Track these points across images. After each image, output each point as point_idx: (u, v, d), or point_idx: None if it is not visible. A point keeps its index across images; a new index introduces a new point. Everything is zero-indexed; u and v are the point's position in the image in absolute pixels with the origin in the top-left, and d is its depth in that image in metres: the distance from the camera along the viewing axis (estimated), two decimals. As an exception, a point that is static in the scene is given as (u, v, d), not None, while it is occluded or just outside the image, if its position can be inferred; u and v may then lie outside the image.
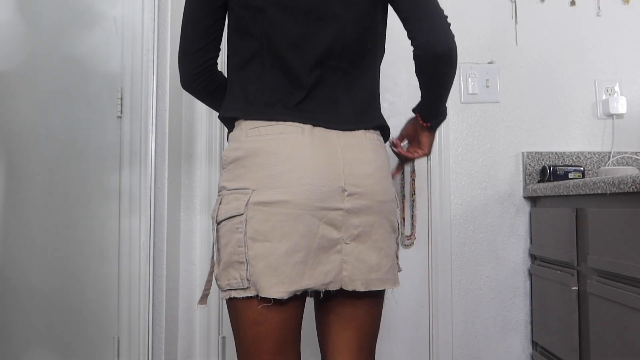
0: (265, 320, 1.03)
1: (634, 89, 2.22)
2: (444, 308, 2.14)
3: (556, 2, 2.23)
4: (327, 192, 1.02)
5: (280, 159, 1.01)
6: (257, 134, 1.04)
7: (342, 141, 1.06)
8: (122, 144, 1.95)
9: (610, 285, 1.51)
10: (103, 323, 1.93)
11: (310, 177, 1.01)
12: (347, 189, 1.03)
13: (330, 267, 1.03)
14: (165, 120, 1.98)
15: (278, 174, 1.01)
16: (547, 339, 1.99)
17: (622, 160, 2.17)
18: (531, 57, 2.22)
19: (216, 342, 2.14)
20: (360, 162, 1.07)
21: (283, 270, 0.99)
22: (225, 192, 1.05)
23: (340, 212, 1.03)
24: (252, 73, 1.08)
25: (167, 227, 1.97)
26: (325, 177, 1.02)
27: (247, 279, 1.01)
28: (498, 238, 2.17)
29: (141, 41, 1.96)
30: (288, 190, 1.00)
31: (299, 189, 1.00)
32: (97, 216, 1.95)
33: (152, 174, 1.92)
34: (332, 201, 1.02)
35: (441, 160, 2.17)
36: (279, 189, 1.00)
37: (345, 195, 1.03)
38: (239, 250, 1.01)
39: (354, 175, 1.05)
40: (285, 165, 1.01)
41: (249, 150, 1.03)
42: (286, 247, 0.99)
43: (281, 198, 1.00)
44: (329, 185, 1.02)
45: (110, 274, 1.93)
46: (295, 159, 1.02)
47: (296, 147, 1.02)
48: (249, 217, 1.00)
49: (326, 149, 1.04)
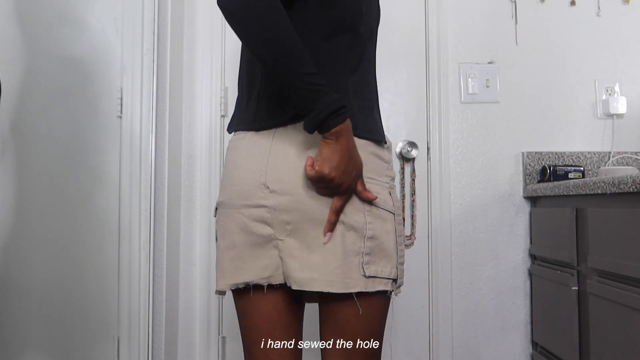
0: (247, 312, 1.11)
1: (634, 89, 2.22)
2: (444, 308, 2.14)
3: (556, 2, 2.23)
4: (247, 190, 1.05)
5: (226, 164, 1.12)
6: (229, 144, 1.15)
7: (277, 136, 1.04)
8: (122, 144, 1.96)
9: (610, 285, 1.51)
10: (103, 323, 1.93)
11: (237, 177, 1.07)
12: (269, 186, 1.02)
13: (268, 261, 1.05)
14: (165, 120, 1.98)
15: (224, 178, 1.12)
16: (547, 339, 1.99)
17: (622, 160, 2.17)
18: (531, 57, 2.22)
19: (216, 342, 2.14)
20: (288, 157, 1.02)
21: (223, 265, 1.08)
22: None
23: (265, 209, 1.02)
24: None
25: (167, 227, 1.97)
26: (247, 176, 1.06)
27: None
28: (498, 238, 2.17)
29: (141, 41, 1.96)
30: (225, 192, 1.10)
31: (230, 189, 1.08)
32: (97, 216, 1.95)
33: (152, 174, 1.93)
34: (254, 198, 1.04)
35: (441, 160, 2.17)
36: (221, 191, 1.12)
37: (268, 192, 1.02)
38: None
39: (277, 170, 1.02)
40: (226, 169, 1.11)
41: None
42: (225, 244, 1.08)
43: (221, 199, 1.11)
44: (249, 183, 1.05)
45: (111, 273, 1.93)
46: (232, 161, 1.10)
47: (235, 152, 1.10)
48: (217, 218, 1.14)
49: (256, 146, 1.06)
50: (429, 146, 2.19)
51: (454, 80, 2.21)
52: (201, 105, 2.17)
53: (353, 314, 1.03)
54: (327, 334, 1.07)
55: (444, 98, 2.18)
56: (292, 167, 1.01)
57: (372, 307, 1.05)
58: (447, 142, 2.18)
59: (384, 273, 1.03)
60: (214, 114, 2.17)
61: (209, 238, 2.14)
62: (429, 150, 2.19)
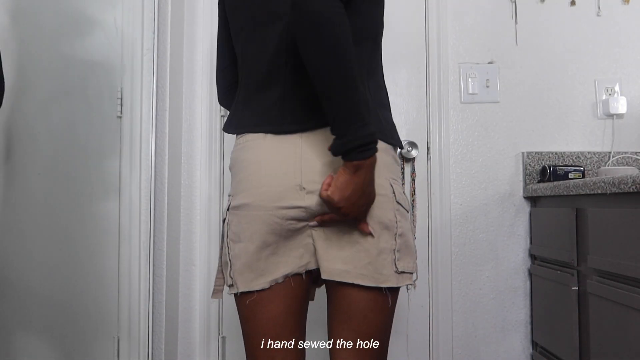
0: (255, 314, 1.09)
1: (634, 89, 2.22)
2: (444, 308, 2.14)
3: (556, 2, 2.23)
4: (281, 191, 1.04)
5: (245, 165, 1.09)
6: (236, 144, 1.13)
7: (305, 138, 1.05)
8: (122, 144, 1.96)
9: (610, 285, 1.51)
10: (103, 323, 1.93)
11: (265, 178, 1.06)
12: (305, 187, 1.04)
13: (303, 250, 1.07)
14: (165, 120, 1.98)
15: (243, 179, 1.08)
16: (547, 339, 1.99)
17: (622, 160, 2.17)
18: (531, 57, 2.22)
19: (216, 342, 2.14)
20: (320, 159, 1.04)
21: (258, 265, 1.07)
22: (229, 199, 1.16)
23: (301, 210, 1.05)
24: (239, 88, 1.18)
25: (167, 227, 1.97)
26: (278, 178, 1.05)
27: (230, 276, 1.09)
28: (498, 238, 2.17)
29: (141, 41, 1.96)
30: (249, 194, 1.06)
31: (257, 190, 1.06)
32: (97, 216, 1.95)
33: (152, 174, 1.93)
34: (288, 200, 1.04)
35: (441, 160, 2.17)
36: (243, 192, 1.08)
37: (304, 193, 1.04)
38: (225, 251, 1.11)
39: (312, 172, 1.04)
40: (247, 171, 1.08)
41: (232, 159, 1.14)
42: (255, 246, 1.06)
43: (244, 201, 1.07)
44: (282, 185, 1.04)
45: (111, 273, 1.93)
46: (255, 162, 1.07)
47: (256, 152, 1.07)
48: (229, 221, 1.10)
49: (284, 148, 1.05)
50: (429, 146, 2.19)
51: (454, 80, 2.21)
52: (201, 105, 2.17)
53: (371, 308, 1.07)
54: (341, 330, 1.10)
55: (444, 98, 2.18)
56: (326, 169, 1.04)
57: (392, 302, 1.11)
58: (447, 142, 2.18)
59: (409, 268, 1.09)
60: (214, 114, 2.17)
61: (209, 238, 2.14)
62: (429, 150, 2.19)
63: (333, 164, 1.02)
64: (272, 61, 1.08)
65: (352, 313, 1.08)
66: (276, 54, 1.08)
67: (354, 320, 1.08)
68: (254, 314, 1.09)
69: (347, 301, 1.08)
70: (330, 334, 1.12)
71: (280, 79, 1.08)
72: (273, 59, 1.08)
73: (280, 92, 1.07)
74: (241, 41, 1.15)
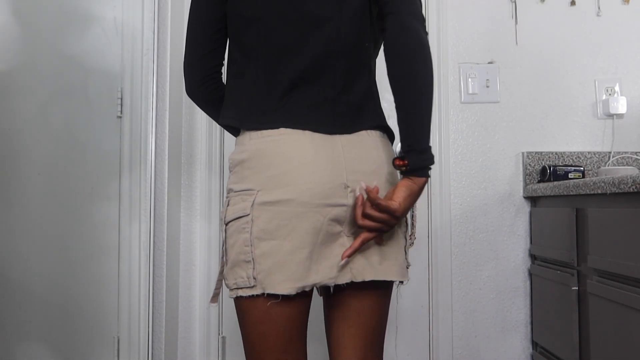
0: (270, 318, 1.04)
1: (634, 89, 2.22)
2: (444, 308, 2.14)
3: (556, 2, 2.23)
4: (329, 189, 1.04)
5: (283, 159, 1.04)
6: (260, 137, 1.06)
7: (344, 139, 1.08)
8: (122, 144, 1.96)
9: (610, 285, 1.51)
10: (103, 323, 1.93)
11: (312, 175, 1.03)
12: (349, 185, 1.06)
13: (335, 260, 1.05)
14: (165, 120, 1.98)
15: (281, 174, 1.03)
16: (547, 339, 1.99)
17: (622, 160, 2.17)
18: (531, 57, 2.22)
19: (216, 342, 2.14)
20: (362, 159, 1.08)
21: (289, 267, 1.02)
22: (233, 194, 1.08)
23: (344, 208, 1.05)
24: (248, 80, 1.10)
25: (167, 227, 1.97)
26: (327, 175, 1.04)
27: (253, 277, 1.02)
28: (498, 238, 2.17)
29: (141, 41, 1.96)
30: (291, 189, 1.02)
31: (302, 187, 1.02)
32: (97, 216, 1.95)
33: (152, 174, 1.93)
34: (335, 197, 1.04)
35: (441, 160, 2.17)
36: (283, 188, 1.02)
37: (348, 192, 1.05)
38: (245, 249, 1.03)
39: (356, 171, 1.07)
40: (288, 165, 1.03)
41: (253, 152, 1.06)
42: (291, 245, 1.02)
43: (285, 197, 1.02)
44: (329, 182, 1.04)
45: (111, 274, 1.93)
46: (297, 158, 1.04)
47: (297, 147, 1.05)
48: (254, 217, 1.03)
49: (327, 147, 1.06)
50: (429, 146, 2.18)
51: (454, 80, 2.21)
52: (201, 105, 2.17)
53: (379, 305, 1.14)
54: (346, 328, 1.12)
55: (444, 98, 2.18)
56: (366, 169, 1.08)
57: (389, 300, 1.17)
58: (447, 142, 2.18)
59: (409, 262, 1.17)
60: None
61: (209, 238, 2.14)
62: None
63: (370, 166, 1.09)
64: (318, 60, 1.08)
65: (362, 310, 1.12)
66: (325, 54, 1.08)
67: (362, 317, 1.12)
68: (269, 317, 1.03)
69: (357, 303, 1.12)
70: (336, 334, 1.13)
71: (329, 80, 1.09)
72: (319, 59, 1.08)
73: (331, 94, 1.09)
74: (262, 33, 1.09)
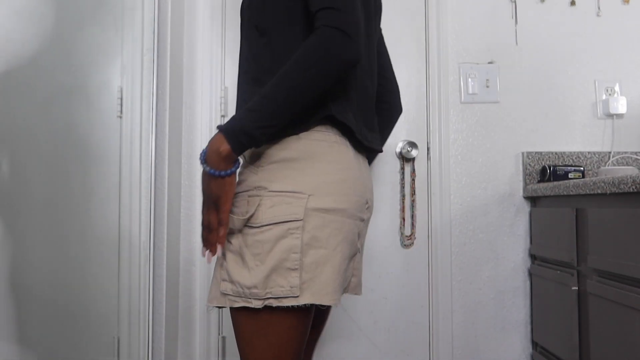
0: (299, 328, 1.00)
1: (634, 89, 2.22)
2: (444, 308, 2.14)
3: (556, 2, 2.23)
4: (361, 202, 1.07)
5: (339, 167, 1.01)
6: (313, 138, 1.00)
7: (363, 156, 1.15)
8: (122, 144, 1.96)
9: (610, 285, 1.51)
10: (103, 323, 1.93)
11: (357, 187, 1.04)
12: (368, 201, 1.11)
13: (349, 273, 1.08)
14: (165, 120, 1.98)
15: (337, 182, 0.99)
16: (547, 339, 1.99)
17: (622, 160, 2.17)
18: (531, 57, 2.22)
19: (216, 342, 2.14)
20: (369, 177, 1.15)
21: (338, 278, 0.98)
22: (268, 193, 0.97)
23: (363, 223, 1.10)
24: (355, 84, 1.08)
25: (167, 227, 1.97)
26: (362, 188, 1.07)
27: (298, 286, 0.95)
28: (498, 238, 2.17)
29: (141, 41, 1.96)
30: (345, 199, 1.00)
31: (352, 198, 1.01)
32: (97, 216, 1.95)
33: (152, 174, 1.92)
34: (361, 211, 1.07)
35: (441, 160, 2.17)
36: (337, 196, 0.99)
37: (366, 207, 1.10)
38: (292, 257, 0.95)
39: (368, 189, 1.12)
40: (343, 174, 1.01)
41: (303, 152, 0.99)
42: (341, 255, 0.99)
43: (339, 206, 0.99)
44: (362, 196, 1.07)
45: (111, 274, 1.93)
46: (351, 168, 1.03)
47: (348, 157, 1.04)
48: (307, 222, 0.96)
49: (360, 161, 1.11)
50: (429, 146, 2.19)
51: (454, 80, 2.21)
52: (201, 105, 2.17)
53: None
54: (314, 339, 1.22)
55: (444, 98, 2.18)
56: (371, 187, 1.14)
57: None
58: (447, 142, 2.18)
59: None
60: (214, 114, 2.17)
61: (209, 238, 2.14)
62: (429, 150, 2.19)
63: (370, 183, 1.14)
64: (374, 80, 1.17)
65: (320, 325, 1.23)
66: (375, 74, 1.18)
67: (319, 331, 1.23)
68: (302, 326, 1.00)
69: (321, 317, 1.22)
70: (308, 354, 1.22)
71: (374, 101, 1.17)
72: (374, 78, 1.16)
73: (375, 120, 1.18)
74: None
